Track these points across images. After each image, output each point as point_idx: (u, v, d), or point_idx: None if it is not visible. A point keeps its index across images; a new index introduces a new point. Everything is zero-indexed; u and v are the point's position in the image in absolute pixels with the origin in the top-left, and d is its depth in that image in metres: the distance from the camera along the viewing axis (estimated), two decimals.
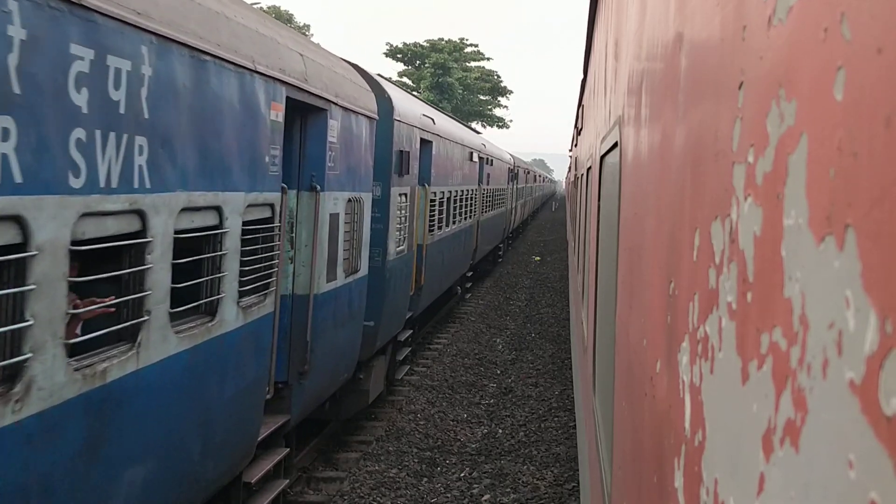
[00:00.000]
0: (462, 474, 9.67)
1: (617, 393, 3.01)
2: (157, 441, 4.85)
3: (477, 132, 28.33)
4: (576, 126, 15.87)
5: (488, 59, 69.70)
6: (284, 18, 54.41)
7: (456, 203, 17.24)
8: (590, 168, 7.35)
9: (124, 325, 4.44)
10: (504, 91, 71.59)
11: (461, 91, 64.10)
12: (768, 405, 0.87)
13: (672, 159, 1.77)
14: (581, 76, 12.18)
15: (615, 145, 3.62)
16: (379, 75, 13.96)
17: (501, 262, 31.12)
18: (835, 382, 0.67)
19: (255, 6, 17.01)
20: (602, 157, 4.90)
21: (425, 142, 13.17)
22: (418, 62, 65.07)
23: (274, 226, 6.51)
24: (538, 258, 33.18)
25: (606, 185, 4.66)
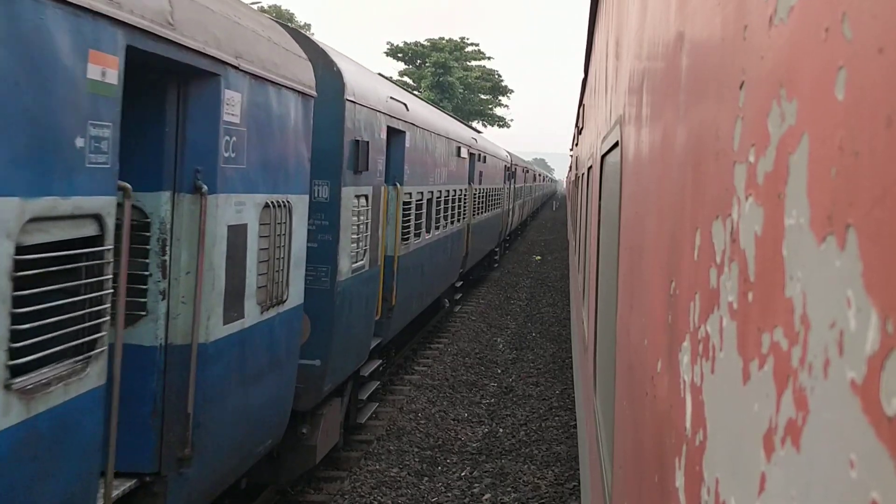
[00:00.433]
0: (463, 473, 9.68)
1: (618, 392, 3.01)
2: None
3: (478, 131, 27.72)
4: (576, 125, 15.87)
5: (489, 59, 69.73)
6: (285, 17, 54.41)
7: (440, 205, 15.08)
8: (590, 167, 7.35)
9: None
10: (505, 90, 71.60)
11: (462, 90, 64.10)
12: (769, 405, 0.87)
13: (673, 159, 1.77)
14: (582, 75, 12.18)
15: (616, 145, 3.62)
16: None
17: (498, 267, 29.53)
18: (836, 382, 0.67)
19: (255, 5, 16.79)
20: (603, 157, 4.89)
21: (395, 132, 10.91)
22: (419, 61, 65.07)
23: (101, 249, 4.12)
24: (539, 257, 33.18)
25: (607, 185, 4.66)
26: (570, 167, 31.32)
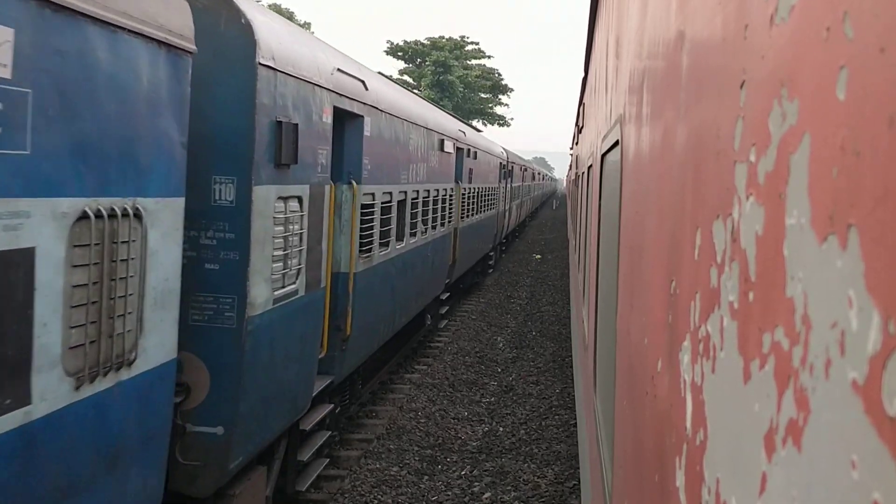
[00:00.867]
0: (463, 472, 9.68)
1: (618, 391, 3.01)
2: None
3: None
4: (577, 124, 15.87)
5: (489, 57, 69.73)
6: (285, 15, 54.42)
7: (417, 208, 12.81)
8: (591, 166, 7.35)
9: None
10: (505, 89, 71.61)
11: (462, 89, 64.11)
12: (770, 405, 0.86)
13: (673, 158, 1.77)
14: (582, 74, 12.18)
15: (616, 144, 3.62)
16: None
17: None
18: (837, 382, 0.67)
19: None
20: (603, 156, 4.89)
21: (349, 116, 8.73)
22: (419, 60, 65.08)
23: None
24: (539, 256, 33.19)
25: (607, 184, 4.66)
26: (571, 166, 31.34)
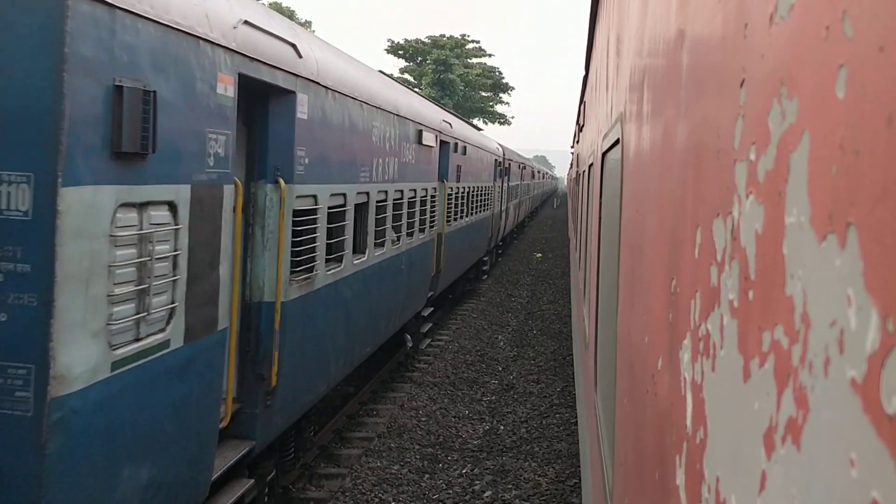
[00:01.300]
0: (464, 471, 9.68)
1: (618, 390, 3.01)
2: None
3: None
4: (577, 123, 15.87)
5: (490, 56, 69.71)
6: (286, 14, 54.42)
7: (385, 211, 10.45)
8: (591, 165, 7.35)
9: None
10: (506, 87, 71.58)
11: (463, 88, 64.09)
12: (770, 403, 0.87)
13: (674, 157, 1.77)
14: (583, 73, 12.18)
15: (617, 142, 3.62)
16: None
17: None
18: (836, 381, 0.67)
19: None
20: (604, 154, 4.89)
21: (275, 91, 6.61)
22: (420, 59, 65.05)
23: None
24: (539, 255, 33.19)
25: (608, 182, 4.66)
26: (571, 164, 31.30)
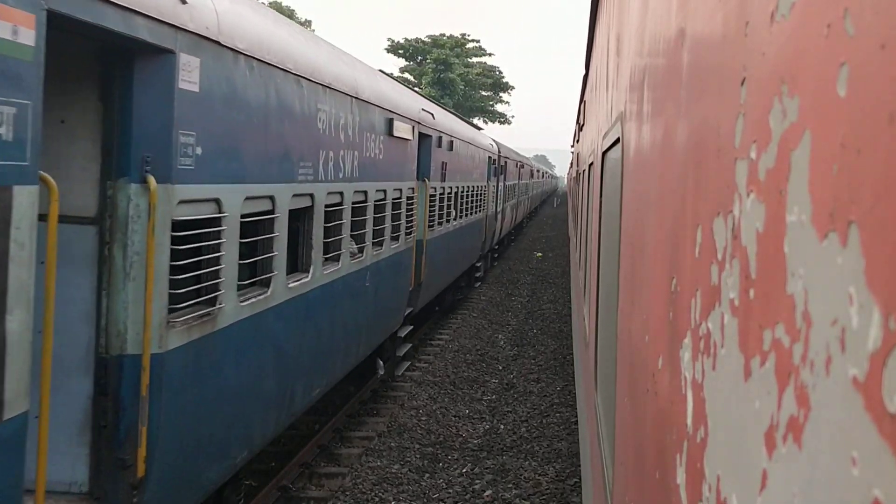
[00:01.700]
0: (464, 470, 9.68)
1: (619, 389, 3.01)
2: None
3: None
4: (577, 122, 15.86)
5: (490, 55, 69.69)
6: (286, 13, 54.42)
7: (339, 217, 8.49)
8: (591, 164, 7.34)
9: None
10: (506, 87, 71.56)
11: (463, 87, 64.07)
12: (771, 402, 0.86)
13: (674, 155, 1.77)
14: (583, 72, 12.17)
15: (617, 141, 3.62)
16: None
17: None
18: (838, 379, 0.67)
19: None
20: (604, 153, 4.89)
21: (141, 48, 4.79)
22: (420, 58, 65.03)
23: None
24: (540, 254, 33.19)
25: (608, 181, 4.66)
26: (571, 163, 31.27)
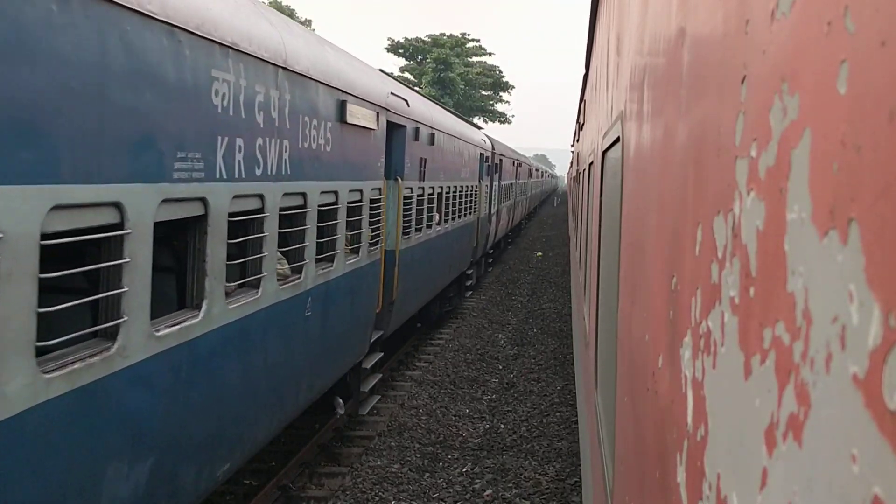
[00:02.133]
0: (464, 469, 9.68)
1: (619, 388, 3.01)
2: None
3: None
4: (578, 121, 15.85)
5: (490, 54, 69.71)
6: (286, 12, 54.41)
7: (257, 229, 6.30)
8: (592, 163, 7.34)
9: None
10: (506, 86, 71.57)
11: (463, 86, 64.06)
12: (771, 400, 0.86)
13: (674, 154, 1.77)
14: (583, 71, 12.17)
15: (617, 140, 3.62)
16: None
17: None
18: (838, 377, 0.67)
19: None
20: (604, 153, 4.89)
21: None
22: (420, 57, 65.02)
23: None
24: (540, 254, 33.19)
25: (608, 181, 4.66)
26: (571, 163, 31.25)
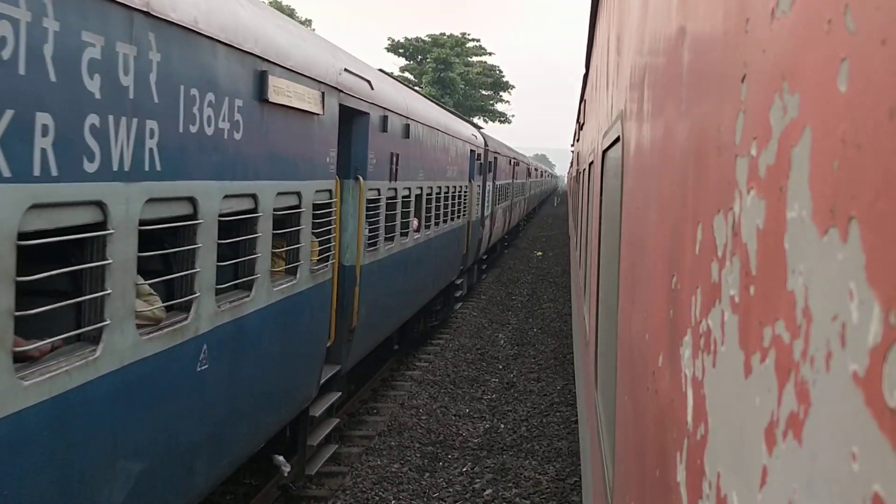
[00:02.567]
0: (464, 469, 9.68)
1: (619, 387, 3.01)
2: None
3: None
4: (578, 121, 15.85)
5: (490, 54, 69.69)
6: (286, 12, 54.41)
7: (121, 253, 4.02)
8: (592, 163, 7.34)
9: None
10: (506, 86, 71.54)
11: (463, 86, 64.05)
12: (771, 398, 0.86)
13: (674, 153, 1.77)
14: (583, 71, 12.17)
15: (617, 140, 3.62)
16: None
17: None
18: (838, 375, 0.67)
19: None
20: (604, 152, 4.89)
21: None
22: (420, 57, 65.01)
23: None
24: (540, 253, 33.20)
25: (608, 180, 4.66)
26: (572, 163, 31.23)
